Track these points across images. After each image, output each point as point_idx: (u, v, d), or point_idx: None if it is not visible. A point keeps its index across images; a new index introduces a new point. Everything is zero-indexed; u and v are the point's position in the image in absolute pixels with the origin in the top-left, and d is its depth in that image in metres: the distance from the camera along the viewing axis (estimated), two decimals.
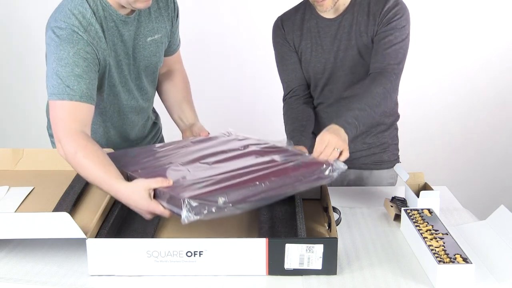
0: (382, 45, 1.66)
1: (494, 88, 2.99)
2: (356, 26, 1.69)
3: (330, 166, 1.39)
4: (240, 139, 1.65)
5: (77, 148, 1.39)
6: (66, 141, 1.41)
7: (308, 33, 1.75)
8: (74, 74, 1.44)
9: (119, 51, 1.57)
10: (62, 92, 1.43)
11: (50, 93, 1.45)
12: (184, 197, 1.18)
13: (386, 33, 1.66)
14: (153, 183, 1.30)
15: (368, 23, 1.68)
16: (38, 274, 1.27)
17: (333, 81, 1.78)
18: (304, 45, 1.76)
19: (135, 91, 1.69)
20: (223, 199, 1.20)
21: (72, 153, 1.40)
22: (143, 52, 1.63)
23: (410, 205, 1.56)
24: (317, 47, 1.75)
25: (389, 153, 1.90)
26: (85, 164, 1.38)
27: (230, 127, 1.73)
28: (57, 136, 1.44)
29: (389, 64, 1.65)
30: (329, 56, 1.75)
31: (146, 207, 1.30)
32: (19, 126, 3.13)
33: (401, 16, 1.66)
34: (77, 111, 1.44)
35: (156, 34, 1.65)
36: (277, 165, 1.38)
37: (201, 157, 1.47)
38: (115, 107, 1.67)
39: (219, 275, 1.25)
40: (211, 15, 2.94)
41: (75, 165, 1.41)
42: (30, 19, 2.88)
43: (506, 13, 2.87)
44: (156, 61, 1.70)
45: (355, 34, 1.70)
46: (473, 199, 2.44)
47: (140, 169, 1.41)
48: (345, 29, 1.71)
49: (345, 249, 1.38)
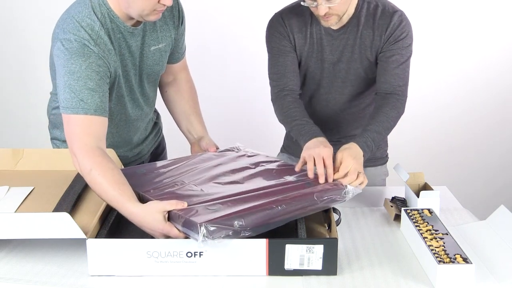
0: (390, 64, 1.67)
1: (494, 88, 2.99)
2: (361, 39, 1.68)
3: (345, 189, 1.41)
4: (249, 155, 1.66)
5: (93, 165, 1.37)
6: (82, 157, 1.40)
7: (311, 39, 1.72)
8: (88, 87, 1.43)
9: (127, 62, 1.57)
10: (76, 106, 1.42)
11: (63, 106, 1.44)
12: (201, 222, 1.17)
13: (393, 51, 1.67)
14: (167, 206, 1.27)
15: (373, 38, 1.68)
16: (38, 274, 1.27)
17: (329, 90, 1.77)
18: (306, 50, 1.73)
19: (140, 99, 1.69)
20: (240, 223, 1.20)
21: (88, 169, 1.38)
22: (147, 61, 1.63)
23: (410, 205, 1.56)
24: (317, 54, 1.73)
25: (381, 150, 1.92)
26: (100, 182, 1.36)
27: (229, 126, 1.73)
28: (73, 151, 1.42)
29: (399, 85, 1.67)
30: (329, 65, 1.73)
31: (161, 230, 1.27)
32: (19, 126, 3.13)
33: (407, 34, 1.67)
34: (92, 125, 1.43)
35: (160, 43, 1.64)
36: (293, 187, 1.39)
37: (213, 177, 1.47)
38: (121, 116, 1.67)
39: (219, 275, 1.25)
40: (210, 14, 2.93)
41: (90, 181, 1.39)
42: (30, 19, 2.88)
43: (506, 13, 2.87)
44: (159, 69, 1.69)
45: (359, 47, 1.69)
46: (473, 199, 2.44)
47: (152, 189, 1.39)
48: (348, 41, 1.69)
49: (345, 249, 1.38)
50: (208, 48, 2.96)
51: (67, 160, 1.69)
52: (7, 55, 3.03)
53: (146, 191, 1.35)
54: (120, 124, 1.69)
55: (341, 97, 1.79)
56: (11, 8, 2.92)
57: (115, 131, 1.70)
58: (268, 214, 1.25)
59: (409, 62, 1.70)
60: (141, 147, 1.83)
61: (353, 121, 1.84)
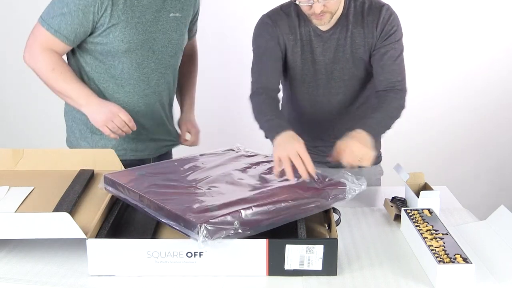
0: (386, 60, 1.67)
1: (494, 89, 2.98)
2: (352, 39, 1.68)
3: (346, 188, 1.41)
4: (249, 155, 1.66)
5: (55, 65, 1.68)
6: (44, 55, 1.68)
7: (301, 41, 1.71)
8: (64, 15, 1.64)
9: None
10: (50, 23, 1.66)
11: (42, 16, 1.69)
12: (201, 222, 1.17)
13: (387, 47, 1.66)
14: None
15: (365, 36, 1.67)
16: (38, 274, 1.27)
17: (323, 92, 1.77)
18: (296, 52, 1.72)
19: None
20: (240, 223, 1.20)
21: (50, 67, 1.68)
22: (162, 27, 1.77)
23: (410, 205, 1.56)
24: (309, 56, 1.72)
25: (376, 149, 1.90)
26: (63, 77, 1.69)
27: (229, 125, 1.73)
28: (32, 49, 1.70)
29: (397, 81, 1.67)
30: (321, 67, 1.73)
31: (115, 111, 1.66)
32: (19, 126, 3.13)
33: (397, 28, 1.67)
34: (55, 44, 1.69)
35: (178, 13, 1.80)
36: (293, 187, 1.39)
37: (214, 177, 1.47)
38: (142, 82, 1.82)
39: (219, 275, 1.25)
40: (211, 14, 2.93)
41: (51, 78, 1.70)
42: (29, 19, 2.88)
43: (508, 14, 2.87)
44: (177, 38, 1.83)
45: (351, 47, 1.69)
46: (473, 199, 2.44)
47: (152, 190, 1.37)
48: (339, 41, 1.69)
49: (345, 249, 1.38)
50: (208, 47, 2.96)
51: (67, 160, 1.70)
52: (7, 55, 3.02)
53: (146, 192, 1.35)
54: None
55: (336, 98, 1.78)
56: (12, 8, 2.92)
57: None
58: (268, 214, 1.25)
59: (403, 56, 1.69)
60: (156, 141, 1.89)
61: (349, 120, 1.83)
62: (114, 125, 1.69)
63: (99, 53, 1.73)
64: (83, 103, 1.71)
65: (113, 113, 1.68)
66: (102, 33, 1.69)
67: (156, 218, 1.30)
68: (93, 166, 1.68)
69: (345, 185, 1.41)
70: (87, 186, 1.58)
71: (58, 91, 1.74)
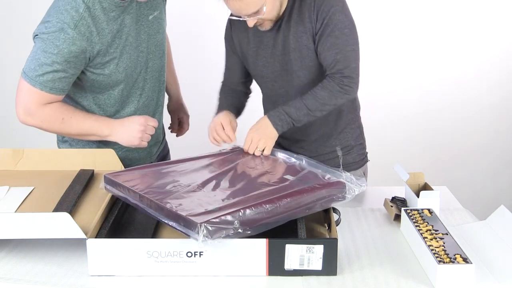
0: (327, 50, 1.62)
1: (494, 89, 2.99)
2: (294, 28, 1.65)
3: (345, 188, 1.41)
4: (249, 155, 1.65)
5: (62, 114, 1.60)
6: (46, 111, 1.59)
7: (252, 37, 1.73)
8: (54, 69, 1.53)
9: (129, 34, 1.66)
10: (35, 80, 1.55)
11: (24, 71, 1.57)
12: (201, 222, 1.17)
13: (329, 35, 1.60)
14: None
15: (305, 21, 1.63)
16: (38, 274, 1.27)
17: (282, 85, 1.76)
18: (250, 49, 1.75)
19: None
20: (240, 223, 1.20)
21: (59, 119, 1.60)
22: (148, 31, 1.71)
23: (410, 205, 1.56)
24: (260, 52, 1.73)
25: (354, 154, 1.87)
26: (76, 121, 1.62)
27: None
28: (28, 108, 1.60)
29: (339, 69, 1.62)
30: (273, 61, 1.72)
31: (142, 121, 1.63)
32: (19, 126, 3.12)
33: (332, 9, 1.59)
34: (46, 99, 1.59)
35: (155, 11, 1.72)
36: (292, 185, 1.39)
37: (213, 177, 1.47)
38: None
39: (219, 275, 1.25)
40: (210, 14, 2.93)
41: (63, 128, 1.63)
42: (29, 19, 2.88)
43: (509, 14, 2.87)
44: (161, 38, 1.78)
45: (294, 36, 1.65)
46: (473, 199, 2.44)
47: (152, 190, 1.38)
48: (284, 32, 1.67)
49: (346, 249, 1.38)
50: (207, 47, 2.96)
51: (67, 160, 1.70)
52: (7, 55, 3.03)
53: (146, 192, 1.35)
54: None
55: (292, 89, 1.75)
56: (12, 8, 2.92)
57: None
58: (267, 213, 1.25)
59: (351, 43, 1.62)
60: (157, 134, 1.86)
61: None
62: (148, 136, 1.67)
63: (89, 86, 1.67)
64: (107, 133, 1.66)
65: (142, 125, 1.65)
66: (98, 68, 1.62)
67: (156, 218, 1.30)
68: (93, 166, 1.68)
69: (345, 185, 1.41)
70: (87, 186, 1.58)
71: (76, 135, 1.69)
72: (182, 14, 2.92)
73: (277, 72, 1.74)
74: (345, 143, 1.85)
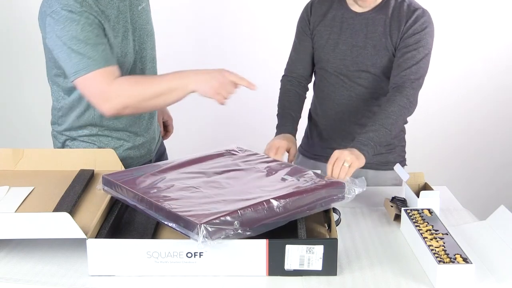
0: (405, 60, 1.68)
1: (494, 88, 2.98)
2: (383, 27, 1.70)
3: (345, 188, 1.41)
4: (248, 155, 1.65)
5: (134, 78, 1.59)
6: (117, 84, 1.52)
7: (331, 21, 1.76)
8: (90, 45, 1.50)
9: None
10: (87, 64, 1.50)
11: (75, 71, 1.51)
12: (200, 222, 1.17)
13: (410, 47, 1.67)
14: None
15: (392, 28, 1.69)
16: (38, 274, 1.27)
17: (344, 75, 1.78)
18: (323, 32, 1.77)
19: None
20: (240, 223, 1.20)
21: (133, 82, 1.55)
22: (139, 20, 1.71)
23: (410, 205, 1.56)
24: (334, 36, 1.75)
25: (395, 154, 1.89)
26: (155, 86, 1.53)
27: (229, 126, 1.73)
28: (104, 93, 1.52)
29: (408, 79, 1.67)
30: (345, 48, 1.75)
31: (227, 75, 1.49)
32: (19, 126, 3.13)
33: (427, 29, 1.68)
34: (107, 74, 1.52)
35: (143, 3, 1.74)
36: (292, 186, 1.39)
37: (213, 178, 1.47)
38: None
39: (219, 275, 1.25)
40: (210, 14, 2.94)
41: (145, 91, 1.52)
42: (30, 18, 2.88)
43: (508, 12, 2.87)
44: (150, 29, 1.78)
45: (379, 33, 1.70)
46: (473, 199, 2.44)
47: (152, 191, 1.37)
48: (368, 27, 1.71)
49: (345, 249, 1.38)
50: (208, 47, 2.96)
51: (67, 160, 1.70)
52: (7, 54, 3.03)
53: (145, 193, 1.35)
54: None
55: (355, 82, 1.78)
56: (12, 8, 2.92)
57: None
58: (267, 214, 1.25)
59: (426, 60, 1.71)
60: (151, 132, 1.85)
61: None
62: (227, 91, 1.53)
63: None
64: (187, 81, 1.53)
65: (221, 74, 1.52)
66: None
67: (156, 219, 1.30)
68: (93, 166, 1.68)
69: (345, 185, 1.41)
70: (87, 186, 1.58)
71: (160, 94, 1.54)
72: (182, 14, 2.93)
73: (345, 62, 1.76)
74: (389, 141, 1.84)
